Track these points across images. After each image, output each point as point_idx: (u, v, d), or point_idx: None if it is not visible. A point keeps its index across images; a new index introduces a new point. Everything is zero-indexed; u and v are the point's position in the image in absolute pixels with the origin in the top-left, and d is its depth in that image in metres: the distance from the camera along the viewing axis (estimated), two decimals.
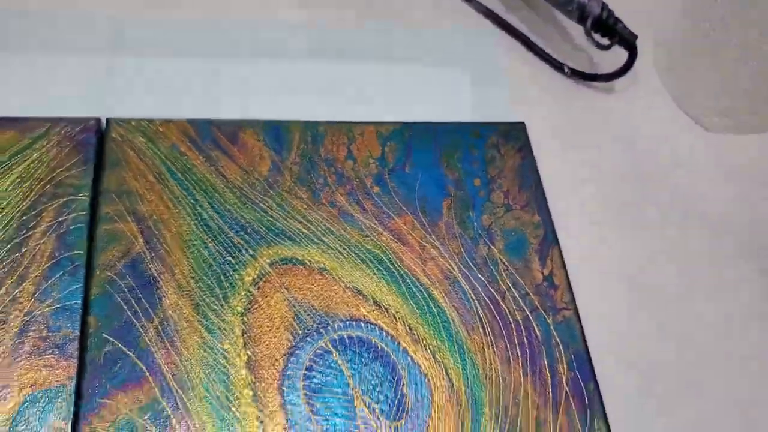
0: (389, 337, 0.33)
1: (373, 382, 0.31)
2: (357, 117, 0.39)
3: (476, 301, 0.34)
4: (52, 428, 0.28)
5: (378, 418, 0.31)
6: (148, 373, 0.30)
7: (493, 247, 0.36)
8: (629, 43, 0.43)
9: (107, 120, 0.36)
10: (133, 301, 0.31)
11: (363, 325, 0.33)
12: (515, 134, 0.40)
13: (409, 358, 0.32)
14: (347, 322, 0.33)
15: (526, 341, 0.34)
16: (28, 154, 0.34)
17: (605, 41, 0.43)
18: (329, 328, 0.32)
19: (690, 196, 0.41)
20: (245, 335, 0.32)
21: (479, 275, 0.35)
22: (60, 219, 0.33)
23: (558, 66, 0.45)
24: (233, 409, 0.30)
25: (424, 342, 0.33)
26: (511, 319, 0.34)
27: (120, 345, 0.30)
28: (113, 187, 0.34)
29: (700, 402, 0.34)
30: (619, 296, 0.37)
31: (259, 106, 0.39)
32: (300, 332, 0.32)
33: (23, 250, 0.32)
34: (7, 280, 0.31)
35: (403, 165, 0.38)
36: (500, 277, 0.35)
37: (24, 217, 0.33)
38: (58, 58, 0.40)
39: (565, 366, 0.33)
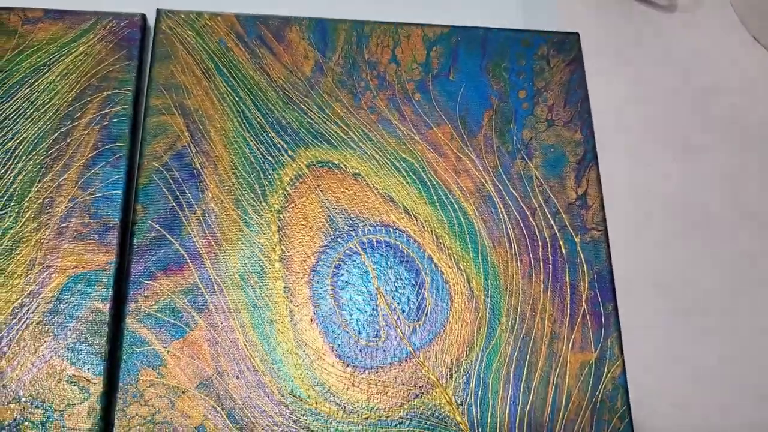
0: (416, 244, 0.34)
1: (396, 284, 0.33)
2: (404, 18, 0.38)
3: (506, 216, 0.35)
4: (92, 308, 0.31)
5: (398, 317, 0.33)
6: (189, 260, 0.32)
7: (530, 162, 0.36)
8: None
9: (158, 11, 0.37)
10: (177, 192, 0.33)
11: (392, 230, 0.34)
12: (568, 45, 0.38)
13: (433, 265, 0.34)
14: (377, 227, 0.34)
15: (550, 258, 0.34)
16: (75, 47, 0.35)
17: None
18: (359, 230, 0.34)
19: (747, 121, 0.39)
20: (280, 231, 0.33)
21: (512, 190, 0.35)
22: (103, 112, 0.34)
23: None
24: (265, 298, 0.32)
25: (450, 251, 0.34)
26: (538, 236, 0.35)
27: (164, 232, 0.33)
28: (161, 81, 0.35)
29: (723, 330, 0.35)
30: (653, 221, 0.37)
31: (306, 4, 0.39)
32: (331, 233, 0.34)
33: (68, 139, 0.34)
34: (53, 167, 0.33)
35: (448, 72, 0.37)
36: (533, 193, 0.35)
37: (70, 108, 0.34)
38: None
39: (586, 285, 0.34)
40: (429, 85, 0.37)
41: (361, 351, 0.32)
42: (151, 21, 0.37)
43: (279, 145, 0.35)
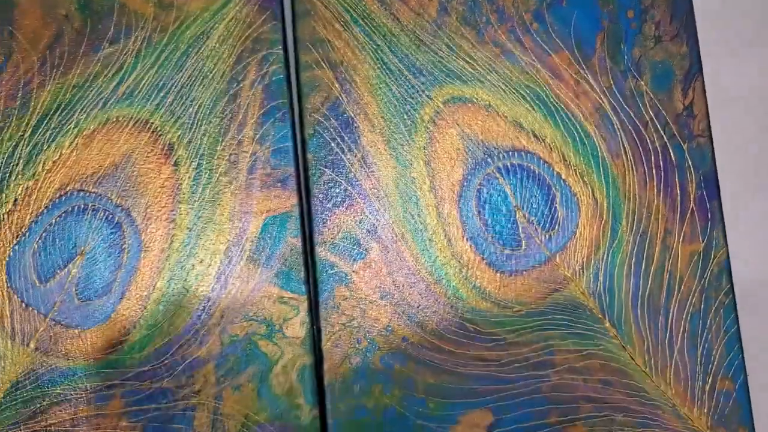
0: (545, 164, 0.39)
1: (531, 200, 0.39)
2: None
3: (621, 132, 0.39)
4: (288, 243, 0.38)
5: (535, 228, 0.39)
6: (358, 197, 0.39)
7: (640, 80, 0.40)
8: None
9: None
10: (338, 139, 0.39)
11: (523, 154, 0.39)
12: None
13: (561, 181, 0.39)
14: (510, 152, 0.39)
15: (662, 165, 0.39)
16: (226, 12, 0.39)
17: None
18: (495, 157, 0.39)
19: None
20: (428, 165, 0.39)
21: (626, 107, 0.40)
22: (262, 72, 0.39)
23: None
24: (423, 222, 0.39)
25: (575, 167, 0.39)
26: (650, 147, 0.39)
27: (334, 175, 0.39)
28: (306, 37, 0.39)
29: None
30: (754, 127, 0.41)
31: None
32: (470, 162, 0.39)
33: (238, 100, 0.39)
34: (231, 127, 0.39)
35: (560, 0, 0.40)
36: (644, 108, 0.40)
37: (233, 71, 0.39)
38: None
39: (694, 186, 0.39)
40: (544, 14, 0.40)
41: (506, 259, 0.39)
42: None
43: (416, 87, 0.39)
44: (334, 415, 0.37)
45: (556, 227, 0.39)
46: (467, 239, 0.39)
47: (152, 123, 0.38)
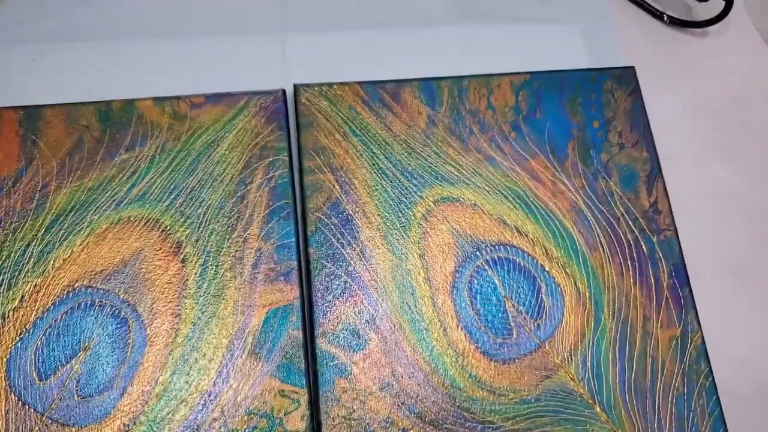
0: (529, 257, 0.42)
1: (518, 290, 0.42)
2: (494, 70, 0.46)
3: (597, 227, 0.43)
4: (289, 335, 0.39)
5: (524, 317, 0.41)
6: (357, 289, 0.41)
7: (609, 180, 0.44)
8: None
9: (295, 86, 0.44)
10: (338, 235, 0.42)
11: (509, 248, 0.42)
12: (626, 78, 0.47)
13: (545, 273, 0.42)
14: (496, 246, 0.42)
15: (635, 256, 0.43)
16: (235, 123, 0.43)
17: None
18: (483, 251, 0.42)
19: None
20: (422, 258, 0.42)
21: (599, 204, 0.44)
22: (269, 175, 0.42)
23: (658, 15, 0.50)
24: (419, 312, 0.41)
25: (557, 260, 0.42)
26: (624, 240, 0.43)
27: (334, 268, 0.41)
28: (309, 145, 0.43)
29: None
30: (715, 217, 0.45)
31: (413, 67, 0.47)
32: (461, 254, 0.42)
33: (245, 201, 0.42)
34: (237, 226, 0.41)
35: (534, 112, 0.45)
36: (615, 205, 0.44)
37: (241, 175, 0.42)
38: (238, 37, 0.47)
39: (665, 275, 0.43)
40: (521, 125, 0.45)
41: (499, 347, 0.40)
42: (290, 94, 0.45)
43: (409, 188, 0.43)
44: None
45: (544, 316, 0.41)
46: (462, 328, 0.41)
47: (162, 222, 0.41)
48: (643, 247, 0.43)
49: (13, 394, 0.37)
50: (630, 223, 0.44)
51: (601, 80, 0.47)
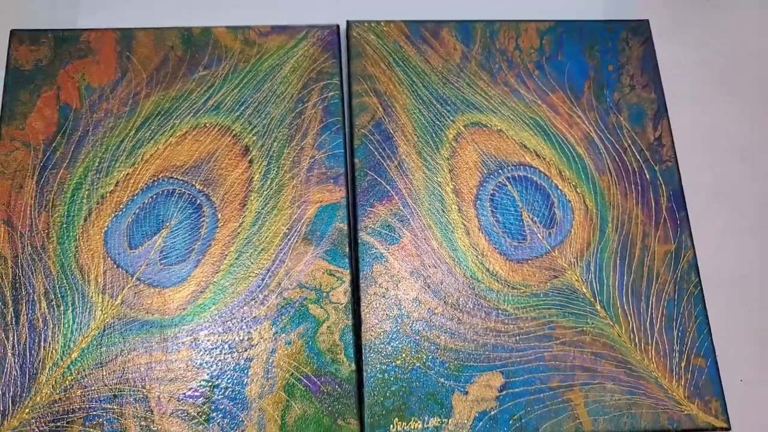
0: (545, 176, 0.49)
1: (534, 203, 0.48)
2: (522, 17, 0.53)
3: (606, 154, 0.49)
4: (336, 227, 0.47)
5: (538, 226, 0.48)
6: (394, 194, 0.48)
7: (619, 116, 0.50)
8: None
9: (348, 22, 0.52)
10: (380, 149, 0.49)
11: (527, 168, 0.49)
12: (641, 29, 0.53)
13: (558, 190, 0.48)
14: (517, 166, 0.49)
15: (639, 181, 0.49)
16: (296, 51, 0.50)
17: None
18: (505, 169, 0.49)
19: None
20: (451, 172, 0.48)
21: (609, 136, 0.50)
22: (323, 96, 0.49)
23: None
24: (446, 217, 0.47)
25: (569, 180, 0.49)
26: (629, 167, 0.49)
27: (375, 176, 0.48)
28: (359, 72, 0.50)
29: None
30: (713, 153, 0.51)
31: (452, 9, 0.53)
32: (485, 171, 0.49)
33: (303, 116, 0.49)
34: (296, 136, 0.49)
35: (556, 54, 0.52)
36: (623, 137, 0.50)
37: (300, 95, 0.49)
38: None
39: (665, 199, 0.49)
40: (544, 65, 0.51)
41: (514, 249, 0.47)
42: (343, 29, 0.52)
43: (443, 113, 0.50)
44: (369, 370, 0.44)
45: (555, 226, 0.48)
46: (482, 231, 0.47)
47: (233, 129, 0.48)
48: (647, 174, 0.49)
49: (109, 258, 0.45)
50: (636, 153, 0.50)
51: (618, 30, 0.53)
